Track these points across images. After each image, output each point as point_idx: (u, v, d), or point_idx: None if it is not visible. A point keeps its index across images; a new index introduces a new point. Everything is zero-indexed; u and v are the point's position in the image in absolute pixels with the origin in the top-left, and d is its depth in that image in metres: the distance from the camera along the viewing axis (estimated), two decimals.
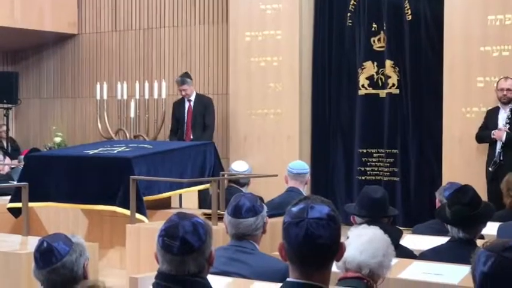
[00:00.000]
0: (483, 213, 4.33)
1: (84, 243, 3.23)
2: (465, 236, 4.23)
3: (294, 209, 2.52)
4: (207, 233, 2.91)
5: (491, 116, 8.36)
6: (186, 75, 10.10)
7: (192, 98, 9.99)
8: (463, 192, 4.39)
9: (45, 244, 3.13)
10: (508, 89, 8.26)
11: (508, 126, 8.18)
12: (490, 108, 8.45)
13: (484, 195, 7.23)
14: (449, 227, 4.33)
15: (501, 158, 8.13)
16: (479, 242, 4.26)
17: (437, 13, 9.11)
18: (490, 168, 8.17)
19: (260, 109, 10.08)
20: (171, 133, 10.11)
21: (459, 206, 4.24)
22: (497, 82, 8.38)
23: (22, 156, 10.30)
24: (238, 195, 4.15)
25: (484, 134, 8.34)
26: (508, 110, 8.24)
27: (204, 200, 8.46)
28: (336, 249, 2.52)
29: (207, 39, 11.04)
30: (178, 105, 10.08)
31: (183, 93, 9.97)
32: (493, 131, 8.22)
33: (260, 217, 4.02)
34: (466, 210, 4.22)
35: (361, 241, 3.25)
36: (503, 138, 8.13)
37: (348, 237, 3.32)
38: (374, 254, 3.21)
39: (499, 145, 8.18)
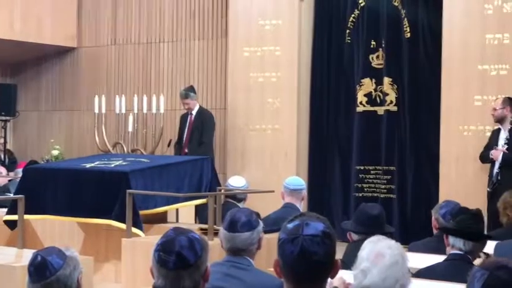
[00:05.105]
0: (483, 232, 4.37)
1: (78, 256, 3.21)
2: (467, 248, 4.21)
3: (289, 226, 2.52)
4: (203, 248, 2.90)
5: (494, 136, 8.34)
6: (190, 89, 10.10)
7: (194, 112, 10.00)
8: (468, 209, 4.49)
9: (39, 258, 3.11)
10: (494, 109, 8.27)
11: (506, 146, 8.17)
12: (495, 128, 8.43)
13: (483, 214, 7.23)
14: (450, 239, 4.30)
15: (498, 178, 8.11)
16: (476, 262, 4.26)
17: (435, 31, 9.14)
18: (488, 189, 8.16)
19: (258, 124, 10.09)
20: (175, 146, 10.14)
21: (464, 216, 4.28)
22: None
23: (19, 170, 10.28)
24: (234, 210, 4.15)
25: (485, 154, 8.33)
26: (507, 130, 8.23)
27: (201, 214, 8.45)
28: (330, 266, 2.51)
29: (206, 54, 11.05)
30: (183, 118, 10.11)
31: (186, 106, 10.00)
32: (491, 151, 8.22)
33: (256, 232, 4.01)
34: (471, 221, 4.26)
35: (382, 267, 3.15)
36: (499, 159, 8.12)
37: (363, 250, 3.22)
38: (397, 279, 3.13)
39: (496, 165, 8.17)
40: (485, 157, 8.34)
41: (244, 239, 3.96)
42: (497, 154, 8.14)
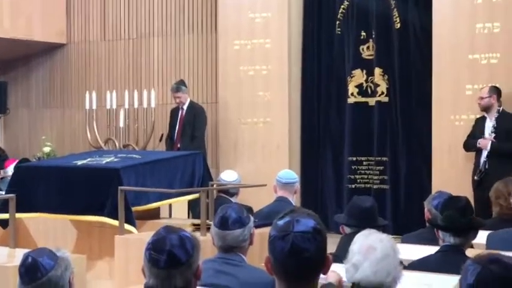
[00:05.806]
0: (474, 221, 4.34)
1: (70, 257, 3.20)
2: (457, 242, 4.22)
3: (280, 223, 2.51)
4: (194, 247, 2.89)
5: (478, 125, 8.36)
6: (181, 83, 10.10)
7: (186, 106, 9.98)
8: (456, 200, 4.44)
9: (29, 259, 3.10)
10: (480, 97, 8.28)
11: (493, 135, 8.18)
12: (478, 116, 8.45)
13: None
14: (440, 233, 4.31)
15: (486, 167, 8.10)
16: (469, 252, 4.26)
17: (425, 21, 9.13)
18: (475, 177, 8.16)
19: (249, 118, 10.08)
20: (166, 140, 10.12)
21: (451, 211, 4.26)
22: None
23: (7, 169, 10.21)
24: (224, 207, 4.11)
25: (470, 143, 8.34)
26: (493, 119, 8.23)
27: (193, 210, 8.44)
28: (321, 263, 2.50)
29: (196, 48, 11.03)
30: (174, 112, 10.10)
31: (177, 100, 9.98)
32: (478, 140, 8.22)
33: (247, 228, 3.98)
34: (458, 216, 4.23)
35: (373, 260, 3.13)
36: (488, 147, 8.13)
37: (355, 244, 3.20)
38: (388, 272, 3.11)
39: (484, 154, 8.17)
40: (469, 145, 8.35)
41: (236, 236, 3.94)
42: (486, 143, 8.14)
